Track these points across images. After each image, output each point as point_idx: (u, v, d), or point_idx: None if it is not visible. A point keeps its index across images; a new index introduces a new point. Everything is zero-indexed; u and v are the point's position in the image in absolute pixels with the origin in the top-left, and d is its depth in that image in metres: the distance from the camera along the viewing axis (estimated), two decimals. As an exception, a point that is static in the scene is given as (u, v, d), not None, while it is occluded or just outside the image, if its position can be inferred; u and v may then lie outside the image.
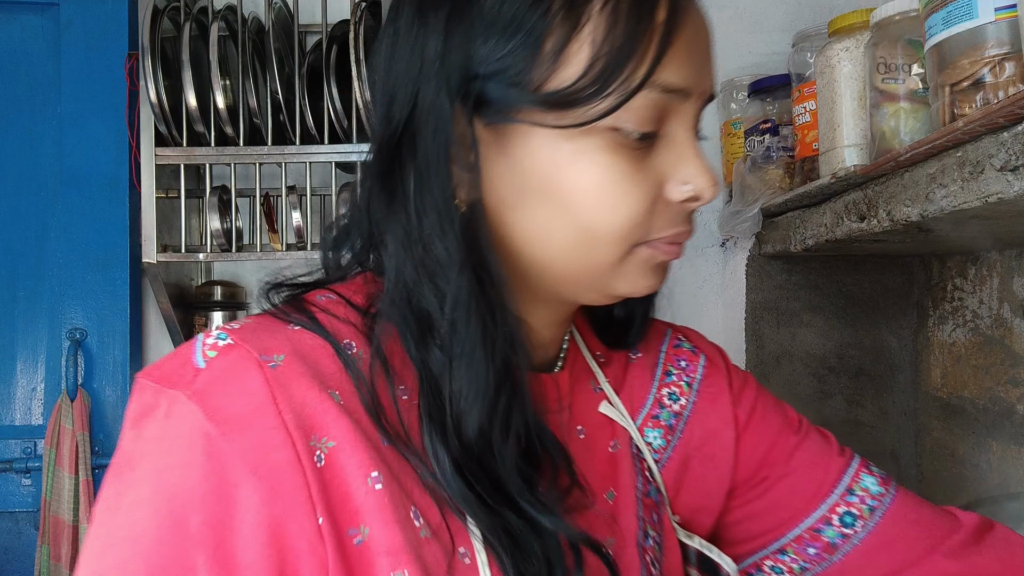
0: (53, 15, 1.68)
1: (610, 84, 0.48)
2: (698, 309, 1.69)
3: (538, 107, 0.49)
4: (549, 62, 0.48)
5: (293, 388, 0.47)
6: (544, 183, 0.50)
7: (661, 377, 0.67)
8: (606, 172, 0.50)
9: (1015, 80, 0.71)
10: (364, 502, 0.46)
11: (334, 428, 0.46)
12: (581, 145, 0.50)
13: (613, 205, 0.50)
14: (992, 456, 1.26)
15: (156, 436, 0.46)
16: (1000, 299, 1.24)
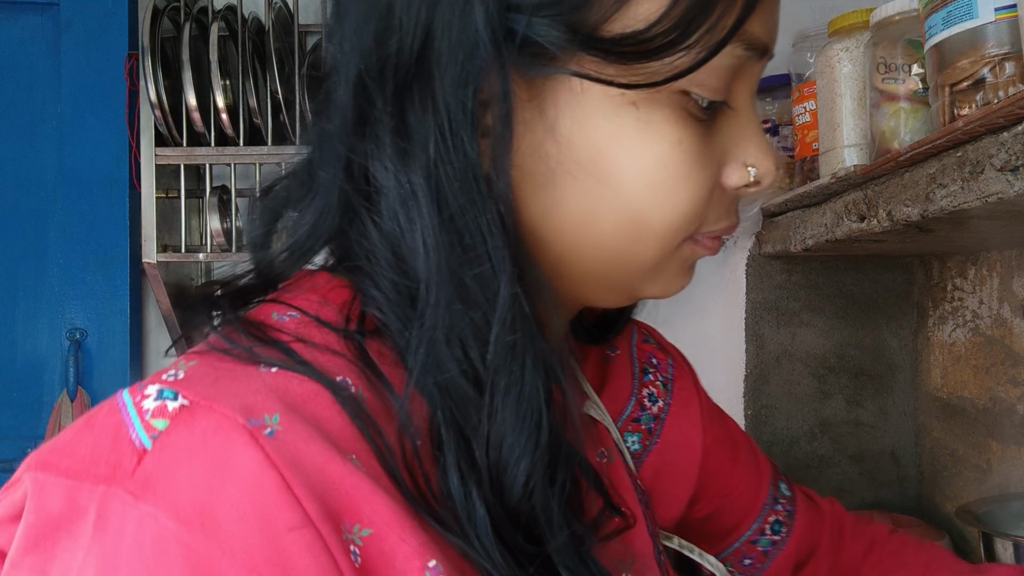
0: (53, 15, 1.68)
1: (692, 34, 0.37)
2: (698, 309, 1.69)
3: (598, 55, 0.37)
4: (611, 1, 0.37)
5: (307, 461, 0.32)
6: (591, 158, 0.39)
7: (640, 376, 0.61)
8: (674, 150, 0.39)
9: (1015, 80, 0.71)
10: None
11: (368, 508, 0.33)
12: (646, 114, 0.38)
13: (675, 191, 0.39)
14: (992, 456, 1.26)
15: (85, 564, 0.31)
16: (1000, 299, 1.24)
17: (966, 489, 1.33)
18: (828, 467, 1.52)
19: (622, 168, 0.39)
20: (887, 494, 1.52)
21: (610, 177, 0.39)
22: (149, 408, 0.33)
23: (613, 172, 0.39)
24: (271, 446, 0.32)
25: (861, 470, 1.52)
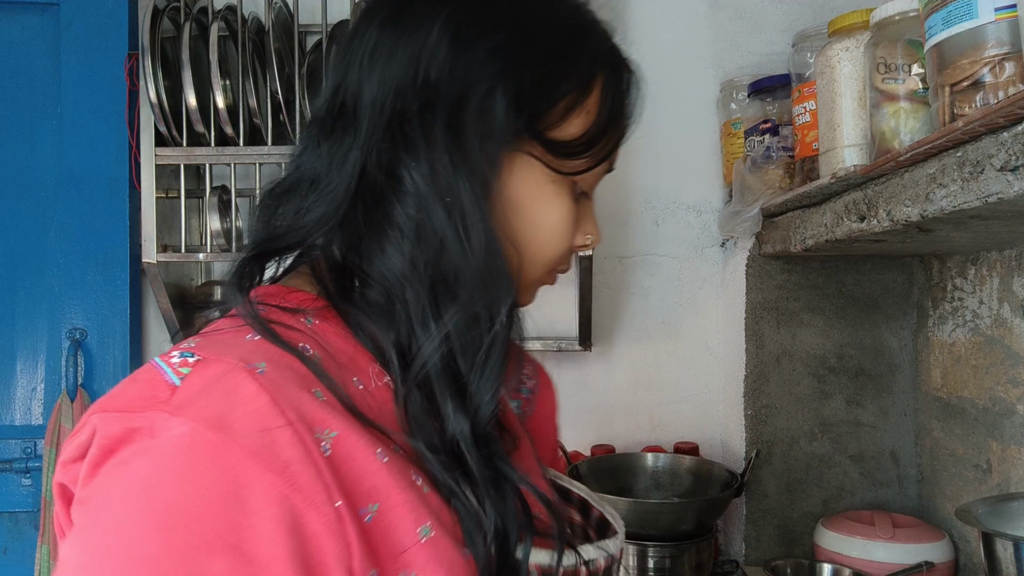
0: (53, 15, 1.68)
1: (589, 151, 0.62)
2: (698, 309, 1.69)
3: (544, 148, 0.60)
4: (560, 117, 0.60)
5: (287, 388, 0.48)
6: (523, 206, 0.61)
7: (519, 364, 0.79)
8: (565, 214, 0.63)
9: (1015, 80, 0.71)
10: (377, 477, 0.49)
11: (331, 420, 0.48)
12: (558, 189, 0.62)
13: (562, 239, 0.63)
14: (992, 456, 1.26)
15: (140, 462, 0.44)
16: (1000, 299, 1.24)
17: (966, 489, 1.33)
18: (828, 467, 1.52)
19: (538, 216, 0.62)
20: (887, 494, 1.52)
21: (527, 218, 0.61)
22: (176, 362, 0.48)
23: (529, 216, 0.61)
24: (263, 379, 0.47)
25: (861, 470, 1.53)
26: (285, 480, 0.45)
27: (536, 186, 0.61)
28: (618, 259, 1.69)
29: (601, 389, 1.70)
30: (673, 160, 1.68)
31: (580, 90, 0.61)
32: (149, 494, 0.43)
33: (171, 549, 0.42)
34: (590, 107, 0.62)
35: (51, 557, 1.55)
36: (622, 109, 0.65)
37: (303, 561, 0.44)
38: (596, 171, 0.64)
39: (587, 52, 0.63)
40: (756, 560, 1.51)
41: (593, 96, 0.62)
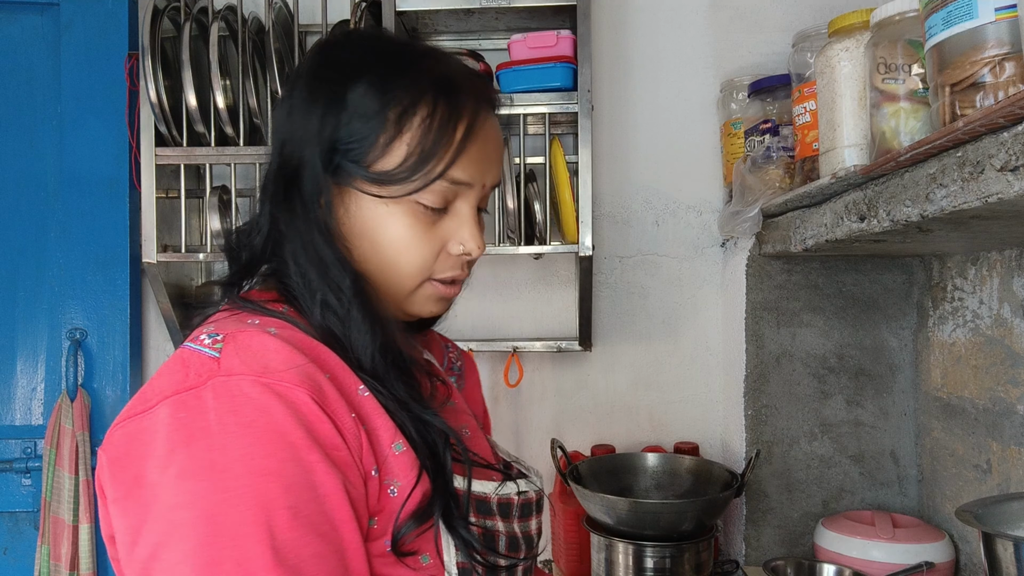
0: (53, 15, 1.68)
1: (416, 174, 0.72)
2: (698, 309, 1.69)
3: (368, 180, 0.73)
4: (381, 151, 0.72)
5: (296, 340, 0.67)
6: (365, 229, 0.74)
7: (445, 348, 1.00)
8: (405, 231, 0.74)
9: (1015, 80, 0.71)
10: (363, 405, 0.68)
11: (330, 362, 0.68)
12: (392, 210, 0.74)
13: (408, 253, 0.75)
14: (992, 456, 1.26)
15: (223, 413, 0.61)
16: (1000, 299, 1.24)
17: (966, 489, 1.33)
18: (828, 467, 1.52)
19: (379, 238, 0.75)
20: (887, 494, 1.52)
21: (372, 240, 0.75)
22: (208, 343, 0.66)
23: (375, 239, 0.75)
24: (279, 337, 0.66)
25: (861, 470, 1.53)
26: (319, 396, 0.63)
27: (370, 212, 0.74)
28: (618, 259, 1.69)
29: (601, 389, 1.70)
30: (673, 160, 1.68)
31: (395, 127, 0.72)
32: (246, 430, 0.60)
33: (286, 459, 0.60)
34: (408, 139, 0.72)
35: (51, 557, 1.55)
36: (449, 133, 0.73)
37: (349, 445, 0.64)
38: (439, 191, 0.73)
39: (399, 93, 0.73)
40: (756, 560, 1.51)
41: (410, 130, 0.72)
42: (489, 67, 1.54)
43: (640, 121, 1.68)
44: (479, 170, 0.76)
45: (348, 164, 0.73)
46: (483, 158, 0.76)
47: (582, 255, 1.47)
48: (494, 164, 0.79)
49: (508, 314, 1.70)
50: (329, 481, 0.62)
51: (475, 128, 0.75)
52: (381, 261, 0.75)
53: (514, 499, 0.77)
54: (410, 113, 0.72)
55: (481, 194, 0.78)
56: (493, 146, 0.78)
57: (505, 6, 1.48)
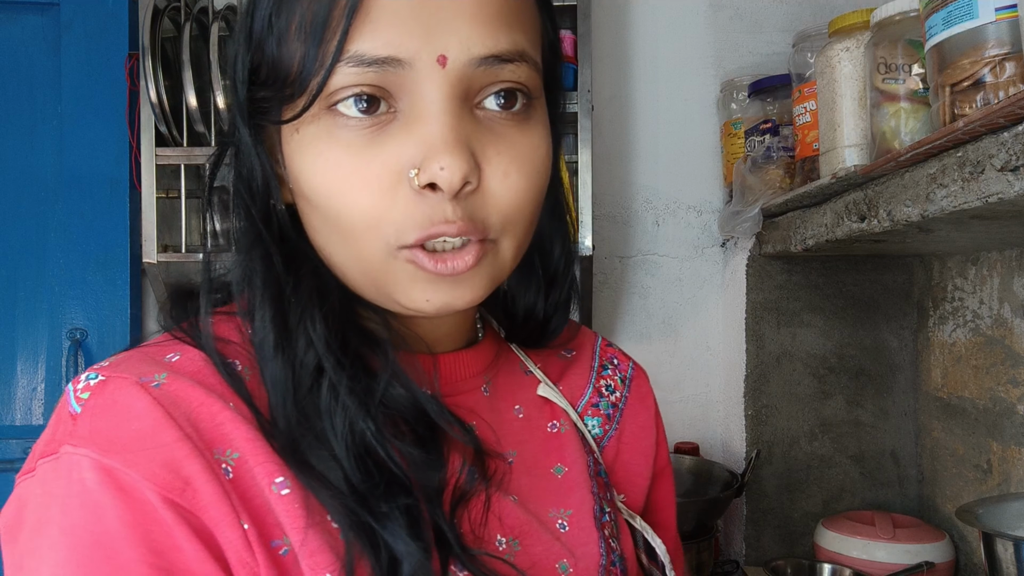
0: (53, 15, 1.68)
1: (309, 70, 0.45)
2: (698, 309, 1.69)
3: (274, 104, 0.48)
4: (276, 57, 0.47)
5: (184, 403, 0.45)
6: (295, 181, 0.49)
7: (598, 370, 0.66)
8: (324, 159, 0.46)
9: (1015, 80, 0.71)
10: (277, 510, 0.44)
11: (236, 437, 0.45)
12: (304, 135, 0.47)
13: (342, 192, 0.46)
14: (992, 456, 1.26)
15: (54, 498, 0.43)
16: (1000, 299, 1.24)
17: (966, 489, 1.33)
18: (828, 467, 1.52)
19: (304, 182, 0.47)
20: (887, 494, 1.52)
21: (304, 193, 0.48)
22: (80, 388, 0.46)
23: (303, 187, 0.48)
24: (156, 392, 0.45)
25: (861, 470, 1.52)
26: (187, 498, 0.43)
27: (288, 152, 0.49)
28: (618, 259, 1.69)
29: (601, 389, 1.70)
30: (673, 160, 1.68)
31: (286, 18, 0.47)
32: (70, 536, 0.42)
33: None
34: (296, 21, 0.46)
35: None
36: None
37: (231, 572, 0.43)
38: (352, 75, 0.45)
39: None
40: (756, 560, 1.51)
41: (297, 11, 0.46)
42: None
43: (640, 121, 1.68)
44: (415, 30, 0.44)
45: (261, 97, 0.49)
46: (421, 8, 0.44)
47: (582, 255, 1.47)
48: (460, 13, 0.45)
49: (508, 314, 1.70)
50: None
51: None
52: (324, 225, 0.48)
53: None
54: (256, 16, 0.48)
55: (448, 75, 0.45)
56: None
57: (505, 6, 1.48)
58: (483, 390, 0.57)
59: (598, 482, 0.59)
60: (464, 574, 0.47)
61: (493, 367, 0.59)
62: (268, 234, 0.50)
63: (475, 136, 0.46)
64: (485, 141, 0.47)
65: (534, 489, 0.55)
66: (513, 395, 0.60)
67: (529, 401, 0.60)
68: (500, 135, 0.48)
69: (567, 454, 0.58)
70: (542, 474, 0.56)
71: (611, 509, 0.58)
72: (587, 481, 0.57)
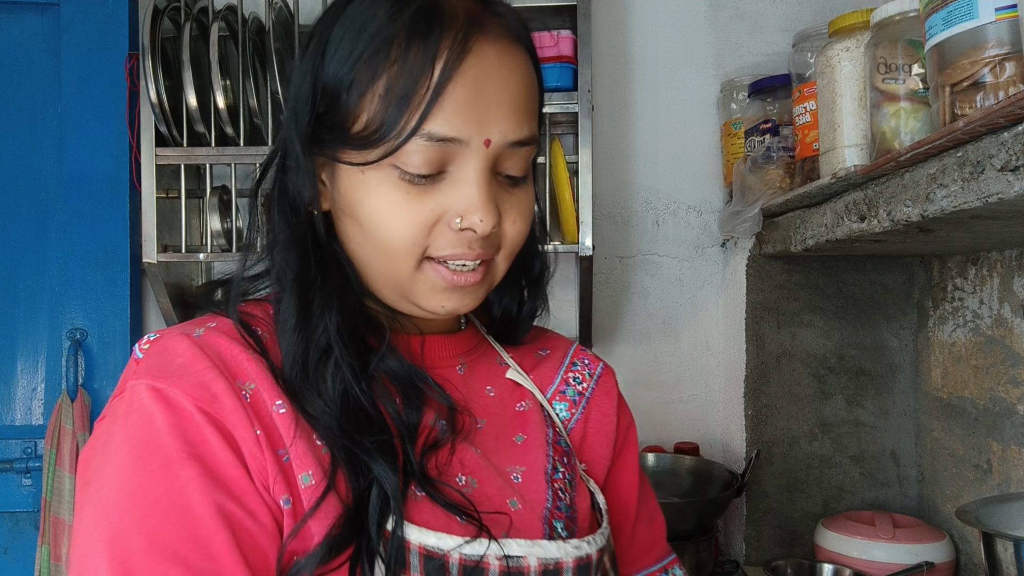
0: (53, 15, 1.68)
1: (389, 133, 0.58)
2: (698, 309, 1.69)
3: (342, 147, 0.61)
4: (354, 108, 0.60)
5: (216, 346, 0.61)
6: (348, 204, 0.63)
7: (568, 366, 0.80)
8: (382, 201, 0.61)
9: (1015, 80, 0.71)
10: (278, 423, 0.59)
11: (252, 372, 0.60)
12: (370, 178, 0.61)
13: (388, 225, 0.61)
14: (992, 456, 1.26)
15: (119, 417, 0.57)
16: (1000, 299, 1.24)
17: (966, 489, 1.33)
18: (828, 467, 1.52)
19: (361, 211, 0.62)
20: (887, 494, 1.52)
21: (355, 215, 0.63)
22: (143, 343, 0.63)
23: (358, 214, 0.62)
24: (196, 339, 0.61)
25: (861, 470, 1.53)
26: (210, 404, 0.57)
27: (350, 185, 0.62)
28: (618, 259, 1.69)
29: (601, 389, 1.70)
30: (673, 160, 1.68)
31: (367, 75, 0.59)
32: (128, 438, 0.56)
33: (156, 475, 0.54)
34: (380, 88, 0.59)
35: (51, 557, 1.55)
36: (422, 74, 0.58)
37: (245, 470, 0.56)
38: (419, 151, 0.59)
39: (372, 31, 0.59)
40: (756, 560, 1.51)
41: (382, 76, 0.59)
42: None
43: (640, 121, 1.68)
44: (472, 120, 0.59)
45: (324, 131, 0.62)
46: (477, 102, 0.59)
47: (582, 255, 1.47)
48: (501, 110, 0.60)
49: (508, 314, 1.70)
50: (205, 502, 0.54)
51: (460, 63, 0.58)
52: (367, 242, 0.63)
53: (490, 564, 0.59)
54: (382, 54, 0.58)
55: (489, 153, 0.61)
56: (496, 84, 0.60)
57: (505, 6, 1.48)
58: (459, 369, 0.72)
59: (556, 449, 0.72)
60: (421, 494, 0.61)
61: (471, 354, 0.74)
62: (307, 237, 0.64)
63: (498, 195, 0.63)
64: (502, 198, 0.64)
65: (498, 450, 0.69)
66: (487, 378, 0.74)
67: (501, 385, 0.74)
68: (511, 193, 0.65)
69: (529, 427, 0.72)
70: (506, 441, 0.70)
71: (565, 470, 0.71)
72: (543, 447, 0.71)
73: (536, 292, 0.77)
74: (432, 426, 0.65)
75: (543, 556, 0.61)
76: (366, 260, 0.64)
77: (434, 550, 0.58)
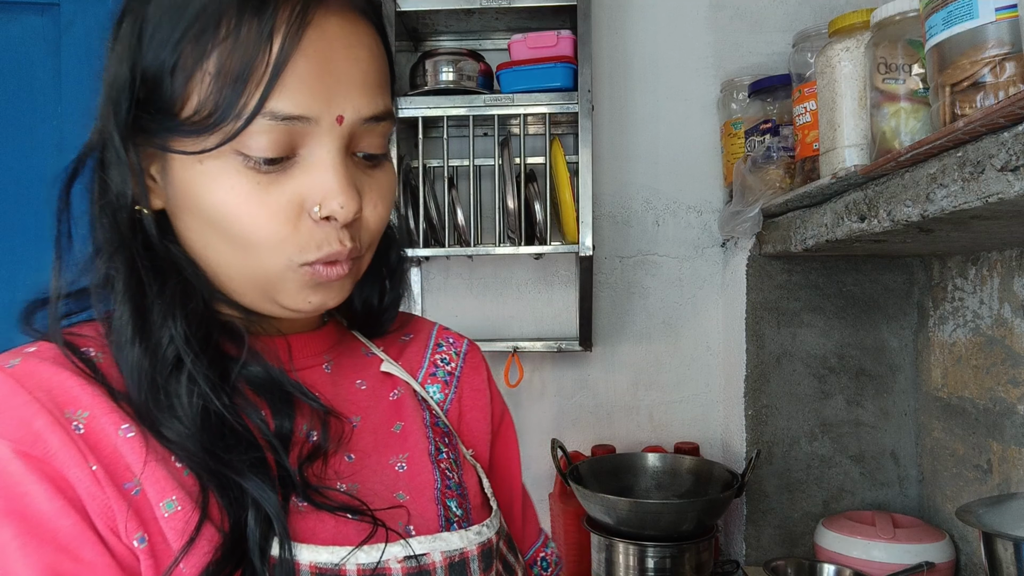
0: (53, 15, 1.68)
1: (226, 114, 0.52)
2: (698, 309, 1.69)
3: (172, 134, 0.54)
4: (180, 91, 0.53)
5: (36, 375, 0.54)
6: (187, 199, 0.56)
7: (434, 348, 0.78)
8: (230, 192, 0.54)
9: (1015, 80, 0.71)
10: (125, 452, 0.52)
11: (85, 399, 0.53)
12: (209, 167, 0.55)
13: (247, 220, 0.55)
14: (992, 456, 1.26)
15: None
16: (1000, 299, 1.24)
17: (966, 489, 1.33)
18: (828, 467, 1.52)
19: (205, 206, 0.55)
20: (887, 494, 1.52)
21: (199, 211, 0.56)
22: None
23: (202, 210, 0.56)
24: (12, 371, 0.53)
25: (861, 470, 1.52)
26: (39, 449, 0.50)
27: (186, 176, 0.55)
28: (618, 259, 1.69)
29: (602, 389, 1.70)
30: (673, 160, 1.68)
31: (194, 54, 0.53)
32: None
33: None
34: (211, 66, 0.52)
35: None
36: (259, 49, 0.52)
37: (81, 511, 0.50)
38: (264, 132, 0.53)
39: (196, 5, 0.53)
40: (756, 560, 1.51)
41: (212, 54, 0.52)
42: (489, 67, 1.54)
43: (640, 121, 1.68)
44: (320, 96, 0.54)
45: (148, 120, 0.55)
46: (324, 77, 0.54)
47: (582, 255, 1.47)
48: (353, 85, 0.56)
49: (508, 314, 1.70)
50: (32, 564, 0.48)
51: (301, 36, 0.53)
52: (219, 240, 0.56)
53: (391, 570, 0.56)
54: (210, 32, 0.52)
55: (343, 131, 0.56)
56: (343, 57, 0.55)
57: (505, 6, 1.48)
58: (325, 368, 0.68)
59: (435, 431, 0.70)
60: (303, 504, 0.56)
61: (335, 349, 0.70)
62: (134, 240, 0.57)
63: (356, 177, 0.58)
64: (361, 181, 0.59)
65: (377, 445, 0.65)
66: (355, 372, 0.70)
67: (371, 376, 0.71)
68: (370, 176, 0.60)
69: (405, 413, 0.69)
70: (384, 433, 0.67)
71: (448, 450, 0.69)
72: (423, 430, 0.69)
73: (398, 280, 0.74)
74: (304, 435, 0.60)
75: (446, 549, 0.59)
76: (218, 260, 0.58)
77: (327, 566, 0.54)
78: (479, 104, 1.47)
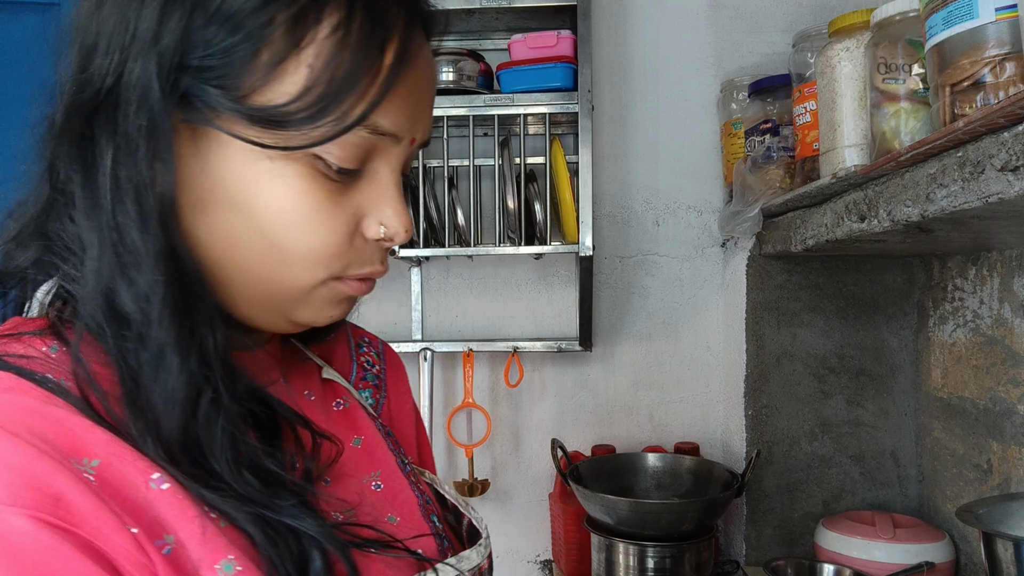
0: (53, 15, 1.68)
1: (325, 115, 0.47)
2: (698, 309, 1.69)
3: (241, 118, 0.47)
4: (262, 74, 0.46)
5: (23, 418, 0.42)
6: (235, 194, 0.49)
7: (355, 349, 0.73)
8: (302, 199, 0.49)
9: (1015, 80, 0.71)
10: (158, 506, 0.43)
11: (91, 445, 0.43)
12: (280, 167, 0.48)
13: (309, 231, 0.50)
14: (992, 456, 1.26)
15: None
16: (1000, 299, 1.24)
17: (966, 489, 1.33)
18: (828, 467, 1.52)
19: (260, 207, 0.48)
20: (887, 494, 1.52)
21: (247, 212, 0.48)
22: None
23: (249, 208, 0.48)
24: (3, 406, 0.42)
25: (861, 470, 1.53)
26: (58, 514, 0.39)
27: (244, 170, 0.48)
28: (618, 259, 1.69)
29: (602, 389, 1.70)
30: (673, 160, 1.68)
31: (287, 38, 0.46)
32: None
33: None
34: (310, 58, 0.47)
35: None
36: (373, 56, 0.48)
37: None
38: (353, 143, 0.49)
39: None
40: (756, 560, 1.51)
41: (312, 44, 0.47)
42: (489, 67, 1.54)
43: (640, 121, 1.68)
44: (410, 118, 0.52)
45: (207, 89, 0.46)
46: (417, 100, 0.52)
47: (582, 255, 1.47)
48: (426, 112, 0.55)
49: (508, 314, 1.70)
50: None
51: (409, 54, 0.50)
52: (256, 245, 0.49)
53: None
54: (311, 18, 0.47)
55: (407, 154, 0.54)
56: (428, 85, 0.54)
57: (505, 6, 1.48)
58: (283, 381, 0.61)
59: (391, 441, 0.65)
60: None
61: (284, 360, 0.64)
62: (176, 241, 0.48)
63: None
64: None
65: (345, 463, 0.58)
66: (304, 382, 0.64)
67: (315, 385, 0.65)
68: None
69: (360, 425, 0.64)
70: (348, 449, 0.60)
71: (408, 461, 0.66)
72: (383, 441, 0.64)
73: None
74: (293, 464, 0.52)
75: (471, 567, 0.56)
76: (239, 265, 0.50)
77: None
78: (479, 104, 1.47)
